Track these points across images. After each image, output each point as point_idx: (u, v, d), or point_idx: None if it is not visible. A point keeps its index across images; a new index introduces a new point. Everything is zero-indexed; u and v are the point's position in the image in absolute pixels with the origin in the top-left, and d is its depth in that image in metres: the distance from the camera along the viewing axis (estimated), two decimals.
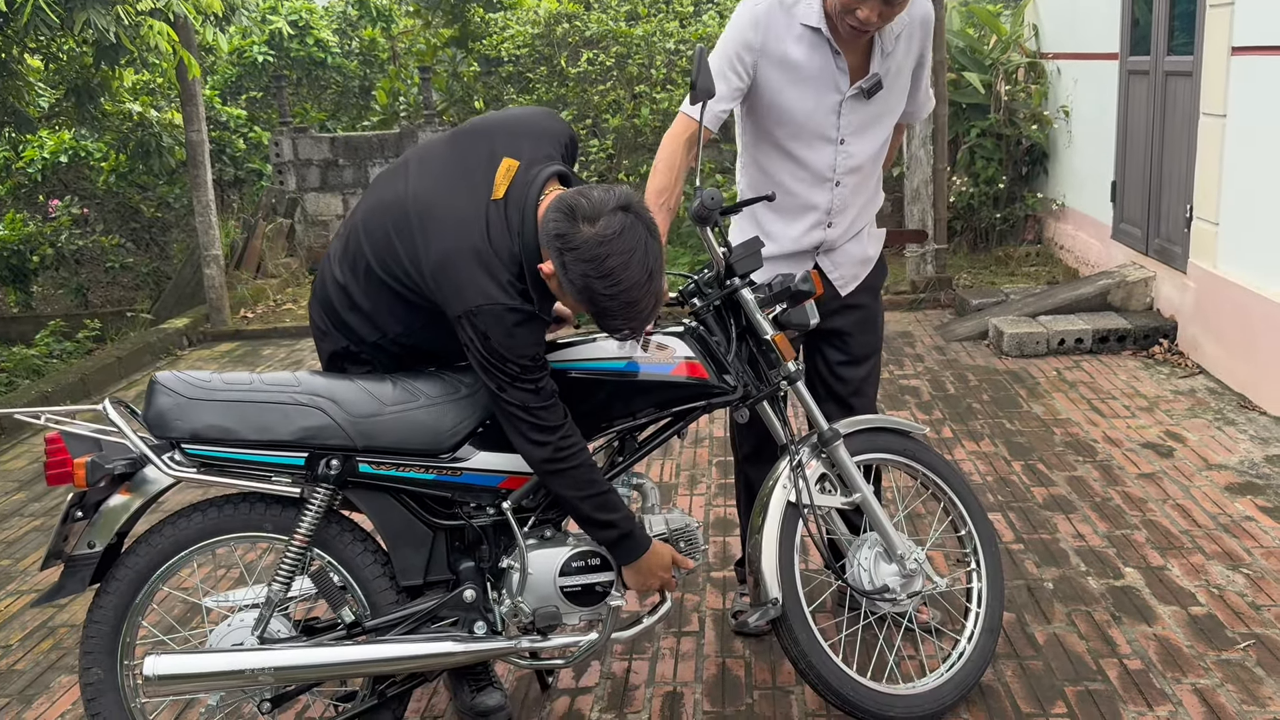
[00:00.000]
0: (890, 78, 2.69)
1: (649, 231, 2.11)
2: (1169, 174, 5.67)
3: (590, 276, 2.06)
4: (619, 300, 2.08)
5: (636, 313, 2.12)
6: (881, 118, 2.75)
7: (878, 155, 2.80)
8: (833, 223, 2.80)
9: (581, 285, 2.08)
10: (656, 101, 7.93)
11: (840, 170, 2.73)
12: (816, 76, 2.64)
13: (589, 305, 2.11)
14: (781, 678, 2.84)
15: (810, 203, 2.77)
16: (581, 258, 2.05)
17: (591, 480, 2.30)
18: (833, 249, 2.84)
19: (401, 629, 2.37)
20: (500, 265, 2.15)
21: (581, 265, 2.06)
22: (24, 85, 7.07)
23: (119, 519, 2.31)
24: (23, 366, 7.19)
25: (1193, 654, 2.83)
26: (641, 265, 2.08)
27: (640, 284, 2.08)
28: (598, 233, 2.05)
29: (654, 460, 4.46)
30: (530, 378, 2.20)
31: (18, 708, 2.99)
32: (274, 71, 10.57)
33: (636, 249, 2.07)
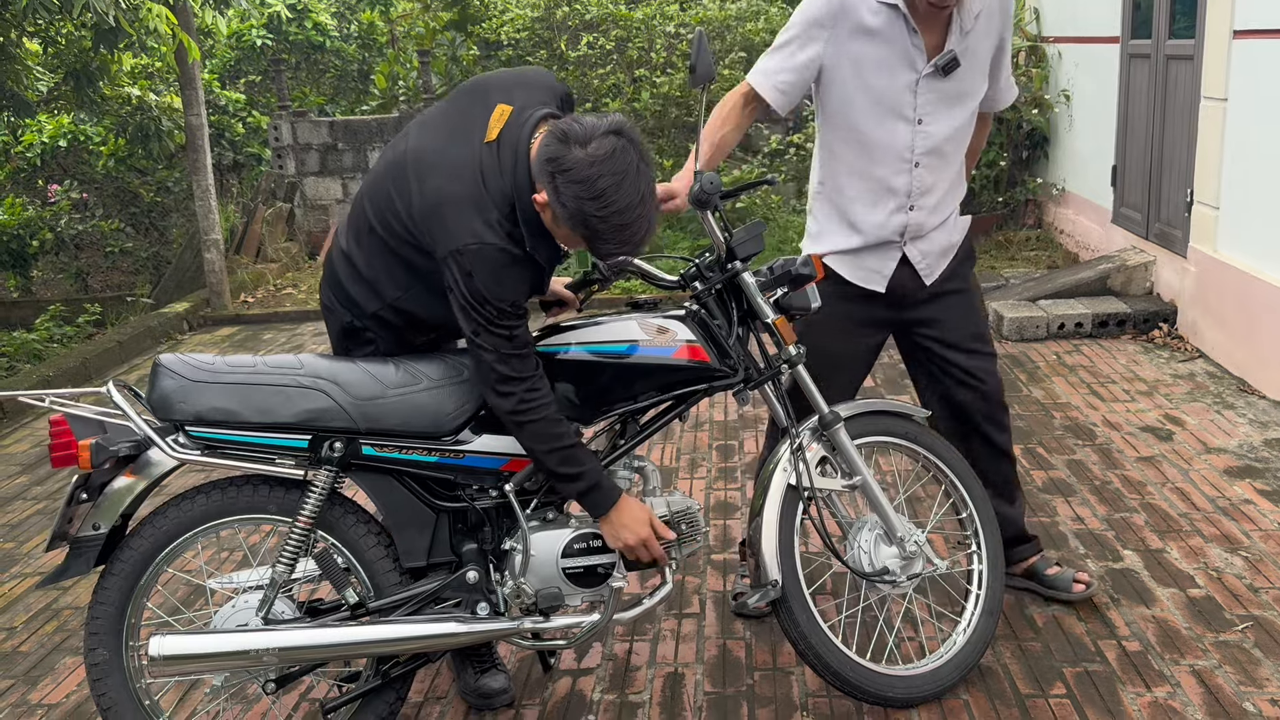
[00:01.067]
0: (968, 57, 2.64)
1: (641, 156, 2.13)
2: (1170, 158, 5.67)
3: (582, 198, 2.07)
4: (611, 223, 2.09)
5: (629, 235, 2.13)
6: (961, 98, 2.69)
7: (958, 137, 2.73)
8: (914, 206, 2.73)
9: (574, 209, 2.09)
10: (656, 85, 7.91)
11: (919, 151, 2.68)
12: (892, 54, 2.60)
13: (582, 229, 2.12)
14: (782, 659, 2.86)
15: (889, 185, 2.71)
16: (573, 179, 2.07)
17: (556, 434, 2.29)
18: (919, 235, 2.76)
19: (405, 610, 2.39)
20: (491, 205, 2.17)
21: (573, 188, 2.07)
22: (22, 69, 7.06)
23: (124, 501, 2.32)
24: (23, 351, 7.20)
25: (1191, 636, 2.85)
26: (633, 187, 2.09)
27: (632, 206, 2.09)
28: (589, 154, 2.07)
29: (654, 444, 4.47)
30: (507, 323, 2.21)
31: (23, 689, 3.01)
32: (272, 55, 10.54)
33: (629, 171, 2.08)
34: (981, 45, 2.68)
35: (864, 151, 2.70)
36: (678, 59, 8.04)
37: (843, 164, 2.75)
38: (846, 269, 2.79)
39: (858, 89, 2.65)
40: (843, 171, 2.75)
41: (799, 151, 8.19)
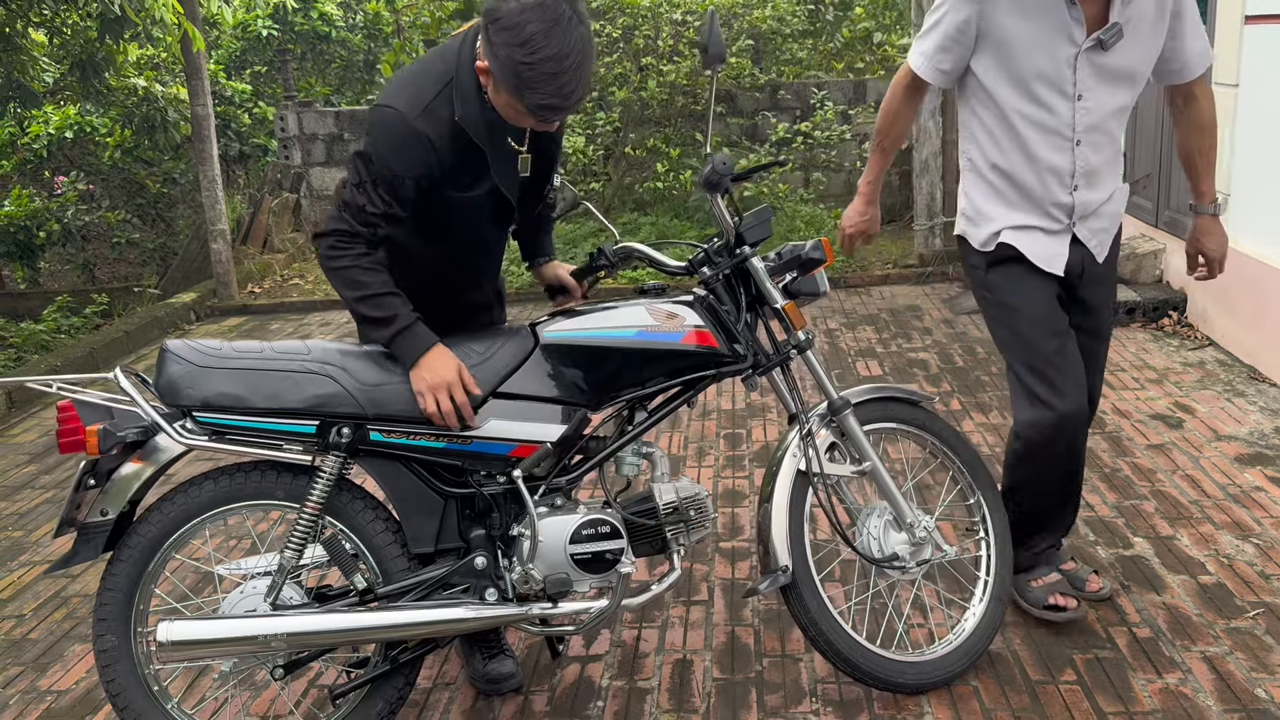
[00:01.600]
0: (1133, 26, 2.49)
1: (574, 10, 2.14)
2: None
3: (511, 45, 2.10)
4: (538, 70, 2.11)
5: (558, 87, 2.13)
6: (1126, 72, 2.55)
7: (1122, 113, 2.61)
8: (1079, 186, 2.61)
9: (504, 57, 2.12)
10: (663, 73, 7.88)
11: (1080, 129, 2.55)
12: (1049, 26, 2.49)
13: (512, 78, 2.13)
14: (791, 646, 2.86)
15: (1051, 165, 2.59)
16: (503, 27, 2.11)
17: (363, 282, 2.32)
18: (1086, 215, 2.66)
19: (413, 596, 2.38)
20: (428, 81, 2.28)
21: (503, 35, 2.11)
22: (29, 60, 7.06)
23: (131, 487, 2.32)
24: (31, 342, 7.21)
25: (1202, 622, 2.83)
26: (564, 36, 2.11)
27: (561, 55, 2.11)
28: (520, 3, 2.11)
29: (663, 432, 4.46)
30: (375, 193, 2.27)
31: (32, 675, 3.01)
32: (278, 45, 10.53)
33: (559, 20, 2.11)
34: (1149, 13, 2.51)
35: (1020, 130, 2.58)
36: (684, 47, 8.01)
37: (997, 142, 2.64)
38: (1025, 246, 2.66)
39: (1011, 63, 2.54)
40: (997, 150, 2.64)
41: (805, 140, 8.16)
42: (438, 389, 2.31)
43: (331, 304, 7.53)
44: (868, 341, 5.71)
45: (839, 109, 8.40)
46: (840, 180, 8.74)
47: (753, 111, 8.57)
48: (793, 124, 8.36)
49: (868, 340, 5.73)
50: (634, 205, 8.27)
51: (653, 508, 2.48)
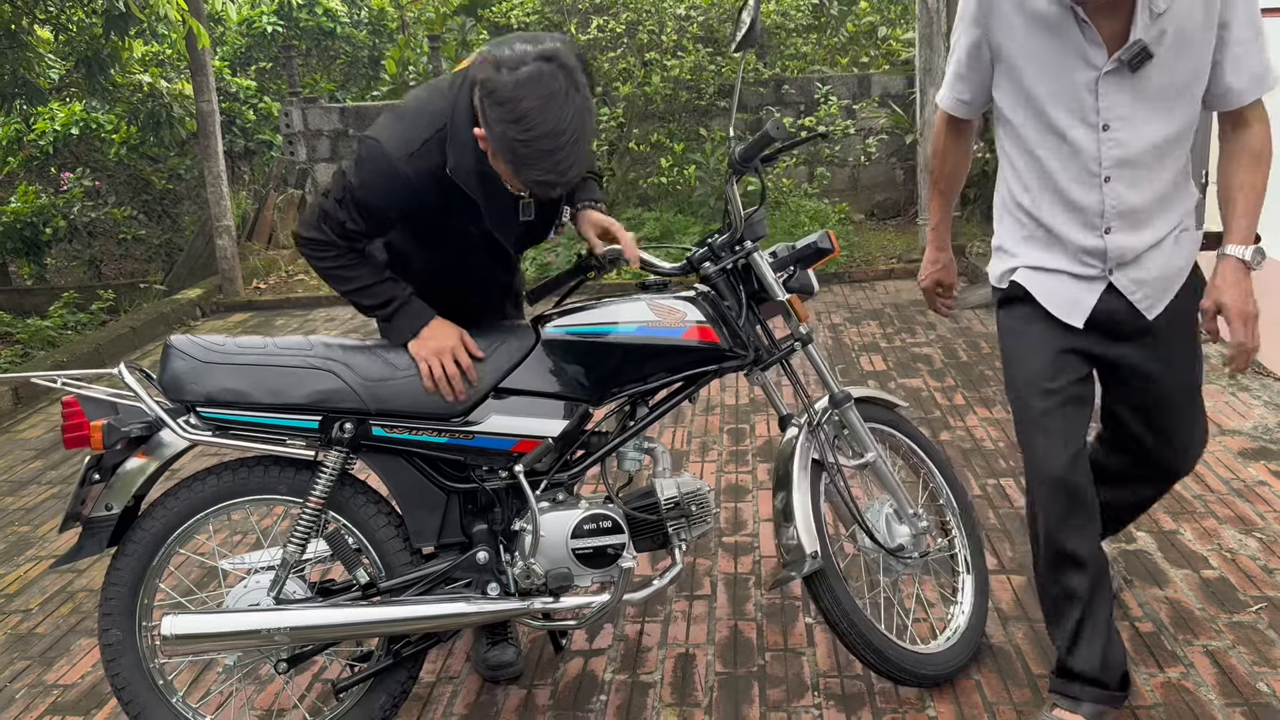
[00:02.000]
0: (1167, 45, 2.09)
1: (572, 82, 2.07)
2: None
3: (506, 121, 2.05)
4: (534, 147, 2.05)
5: (554, 163, 2.08)
6: (1165, 97, 2.15)
7: (1166, 146, 2.19)
8: (1110, 228, 2.23)
9: (499, 133, 2.07)
10: (667, 69, 7.88)
11: (1107, 163, 2.18)
12: (1060, 49, 2.15)
13: (508, 154, 2.09)
14: (793, 640, 2.86)
15: (1075, 202, 2.24)
16: (497, 101, 2.05)
17: (349, 277, 2.36)
18: (1125, 262, 2.25)
19: (416, 590, 2.40)
20: (421, 123, 2.23)
21: (497, 110, 2.05)
22: (34, 57, 7.07)
23: (136, 481, 2.33)
24: (37, 338, 7.23)
25: (1204, 616, 2.83)
26: (560, 112, 2.05)
27: (557, 132, 2.05)
28: (514, 77, 2.04)
29: (665, 427, 4.47)
30: (353, 213, 2.27)
31: (39, 670, 3.03)
32: (283, 42, 10.54)
33: (555, 95, 2.04)
34: (1191, 27, 2.10)
35: (1043, 162, 2.26)
36: (688, 42, 8.00)
37: (1020, 176, 2.32)
38: (1037, 289, 2.33)
39: (1023, 89, 2.23)
40: (1020, 185, 2.32)
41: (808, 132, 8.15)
42: (441, 353, 2.34)
43: (336, 300, 7.54)
44: (872, 336, 5.71)
45: (843, 104, 8.39)
46: (844, 175, 8.73)
47: (757, 106, 8.56)
48: (797, 119, 8.35)
49: (872, 335, 5.73)
50: (638, 200, 8.28)
51: (654, 503, 2.49)
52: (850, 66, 9.43)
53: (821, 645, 2.83)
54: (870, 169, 8.69)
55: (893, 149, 8.63)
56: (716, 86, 8.00)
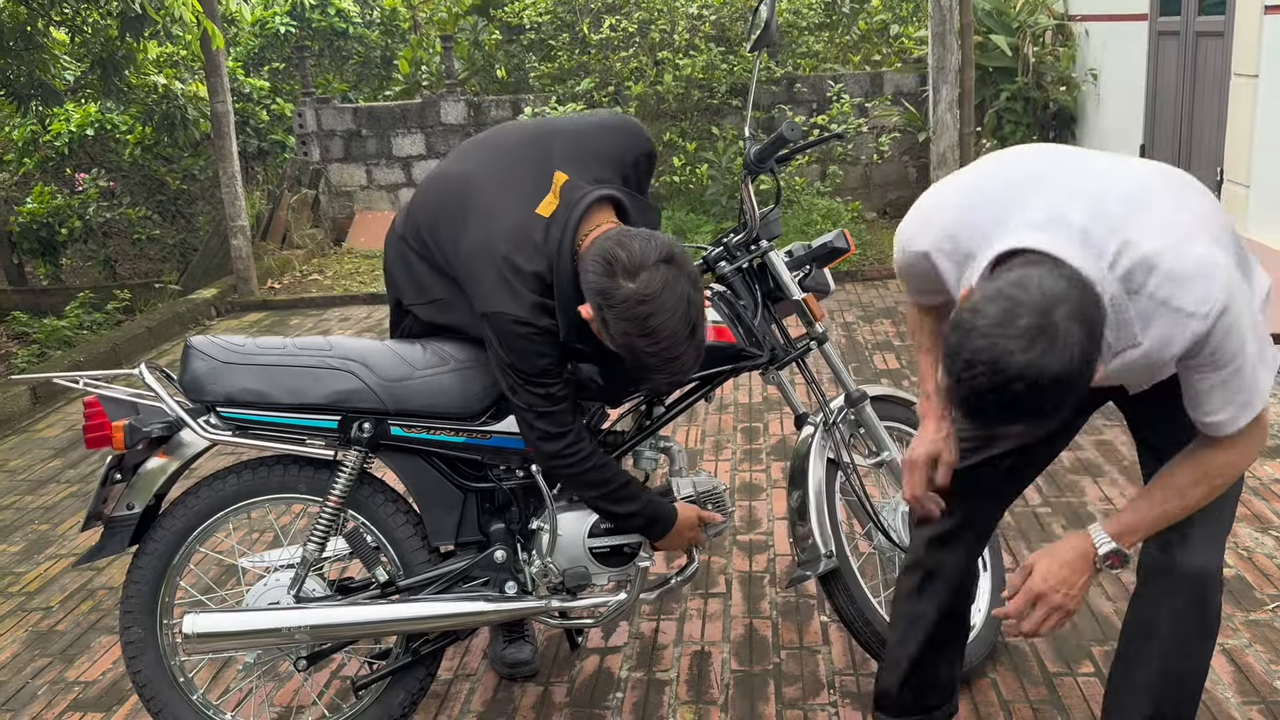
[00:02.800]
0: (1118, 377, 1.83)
1: (692, 284, 2.03)
2: (1199, 136, 5.60)
3: (631, 335, 2.00)
4: (660, 357, 2.03)
5: (678, 367, 2.06)
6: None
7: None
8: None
9: (623, 342, 2.03)
10: (679, 68, 7.88)
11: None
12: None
13: (631, 358, 2.06)
14: (808, 638, 2.87)
15: None
16: (622, 316, 1.99)
17: (605, 480, 2.29)
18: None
19: (434, 588, 2.41)
20: (524, 281, 2.12)
21: (623, 324, 2.00)
22: (50, 58, 7.11)
23: (157, 481, 2.35)
24: (54, 338, 7.28)
25: (1221, 614, 2.83)
26: (684, 320, 2.01)
27: (682, 339, 2.02)
28: (638, 290, 1.98)
29: (679, 426, 4.48)
30: (540, 383, 2.19)
31: (60, 667, 3.06)
32: (296, 42, 10.57)
33: (679, 306, 2.00)
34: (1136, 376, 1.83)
35: None
36: (700, 41, 8.00)
37: None
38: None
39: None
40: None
41: (822, 133, 8.14)
42: (683, 546, 2.46)
43: (350, 299, 7.58)
44: (885, 335, 5.71)
45: (856, 102, 8.38)
46: (857, 173, 8.72)
47: (769, 105, 8.56)
48: (809, 117, 8.34)
49: (885, 333, 5.73)
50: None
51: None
52: (862, 64, 9.41)
53: (837, 643, 2.84)
54: (883, 167, 8.68)
55: (905, 147, 8.62)
56: (728, 85, 8.00)
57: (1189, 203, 1.72)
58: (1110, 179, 1.73)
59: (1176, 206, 1.70)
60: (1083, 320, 1.48)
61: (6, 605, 3.47)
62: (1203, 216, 1.70)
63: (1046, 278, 1.52)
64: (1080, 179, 1.73)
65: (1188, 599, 1.97)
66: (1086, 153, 1.85)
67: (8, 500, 4.38)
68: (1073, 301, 1.49)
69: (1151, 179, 1.75)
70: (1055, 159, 1.81)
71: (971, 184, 1.84)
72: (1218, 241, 1.65)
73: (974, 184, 1.83)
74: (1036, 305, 1.47)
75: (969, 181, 1.85)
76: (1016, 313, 1.48)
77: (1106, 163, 1.80)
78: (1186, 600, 1.97)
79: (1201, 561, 1.94)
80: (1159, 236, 1.62)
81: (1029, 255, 1.61)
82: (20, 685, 2.98)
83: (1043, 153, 1.85)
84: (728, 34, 8.09)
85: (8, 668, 3.08)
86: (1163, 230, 1.63)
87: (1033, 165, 1.80)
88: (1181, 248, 1.62)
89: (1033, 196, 1.70)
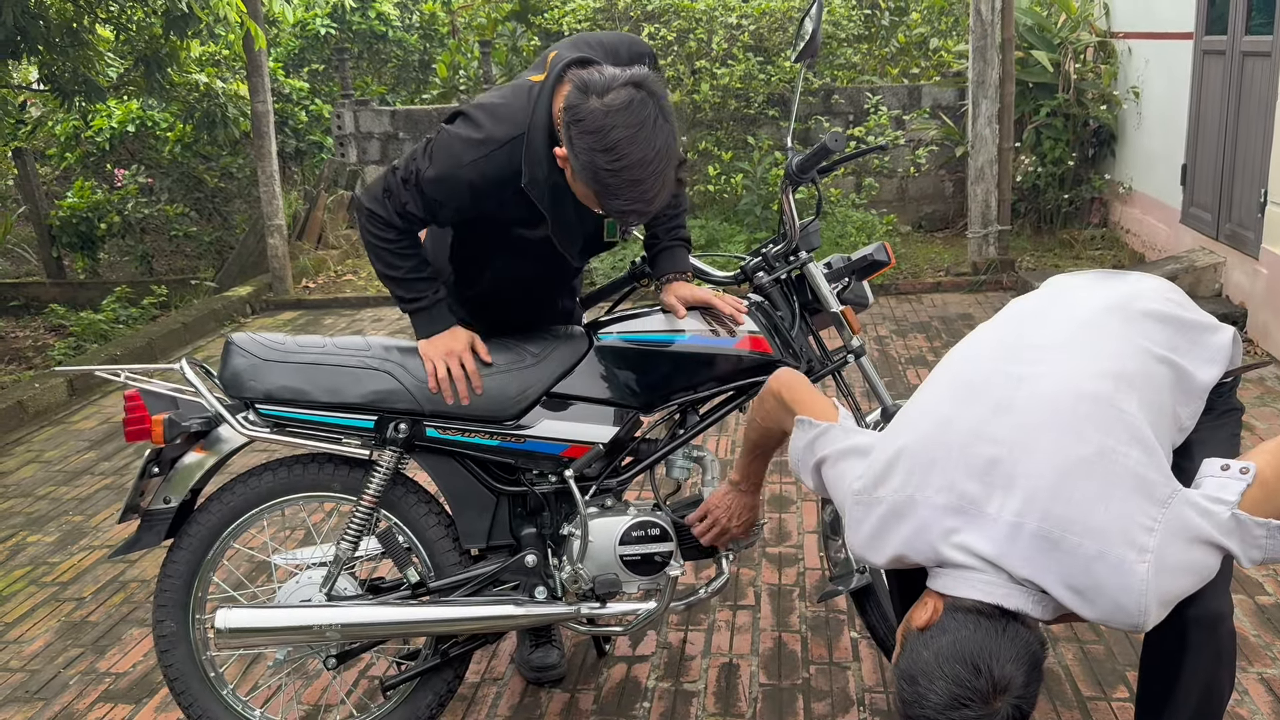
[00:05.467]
0: None
1: (660, 109, 2.04)
2: (1243, 157, 5.53)
3: (594, 150, 2.01)
4: (622, 177, 2.02)
5: (641, 193, 2.05)
6: None
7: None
8: None
9: (586, 160, 2.03)
10: (716, 77, 7.88)
11: None
12: None
13: (593, 182, 2.06)
14: (838, 653, 2.85)
15: None
16: (586, 130, 2.01)
17: (392, 263, 2.33)
18: None
19: (464, 591, 2.41)
20: (499, 126, 2.18)
21: (586, 139, 2.02)
22: (95, 55, 7.19)
23: (194, 476, 2.37)
24: (90, 331, 7.36)
25: (1260, 643, 2.78)
26: (648, 142, 2.02)
27: (645, 161, 2.02)
28: (605, 104, 2.01)
29: (708, 435, 4.46)
30: (419, 198, 2.25)
31: (92, 657, 3.08)
32: (336, 44, 10.66)
33: (644, 124, 2.01)
34: None
35: None
36: (738, 50, 8.00)
37: None
38: None
39: None
40: None
41: (859, 144, 8.11)
42: (449, 355, 2.35)
43: (384, 300, 7.61)
44: (919, 349, 5.67)
45: (893, 114, 8.34)
46: (892, 186, 8.68)
47: (806, 115, 8.53)
48: (846, 128, 8.31)
49: (919, 348, 5.69)
50: None
51: None
52: (900, 77, 9.37)
53: (867, 660, 2.81)
54: (919, 180, 8.63)
55: (942, 160, 8.57)
56: (765, 95, 7.99)
57: (1113, 495, 1.62)
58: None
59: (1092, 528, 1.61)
60: (1023, 701, 1.57)
61: (40, 595, 3.50)
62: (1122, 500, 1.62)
63: (998, 658, 1.56)
64: (1026, 450, 1.65)
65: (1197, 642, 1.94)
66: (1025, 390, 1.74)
67: (43, 491, 4.43)
68: (1018, 688, 1.56)
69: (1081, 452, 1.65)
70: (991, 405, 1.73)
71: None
72: (1146, 526, 1.60)
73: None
74: (983, 694, 1.54)
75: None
76: (965, 701, 1.55)
77: (1052, 411, 1.70)
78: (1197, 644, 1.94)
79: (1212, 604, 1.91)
80: (1081, 576, 1.61)
81: (981, 607, 1.63)
82: (52, 675, 3.01)
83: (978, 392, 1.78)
84: (766, 44, 8.08)
85: (40, 656, 3.11)
86: (1082, 571, 1.61)
87: (988, 407, 1.73)
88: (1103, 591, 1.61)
89: (983, 469, 1.67)
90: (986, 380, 1.78)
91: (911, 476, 1.72)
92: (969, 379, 1.82)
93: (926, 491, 1.70)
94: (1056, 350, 1.80)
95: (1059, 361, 1.77)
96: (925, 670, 1.59)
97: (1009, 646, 1.58)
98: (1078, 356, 1.79)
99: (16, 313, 8.94)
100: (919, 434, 1.77)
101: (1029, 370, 1.76)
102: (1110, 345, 1.80)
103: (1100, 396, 1.71)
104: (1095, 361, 1.77)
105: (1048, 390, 1.72)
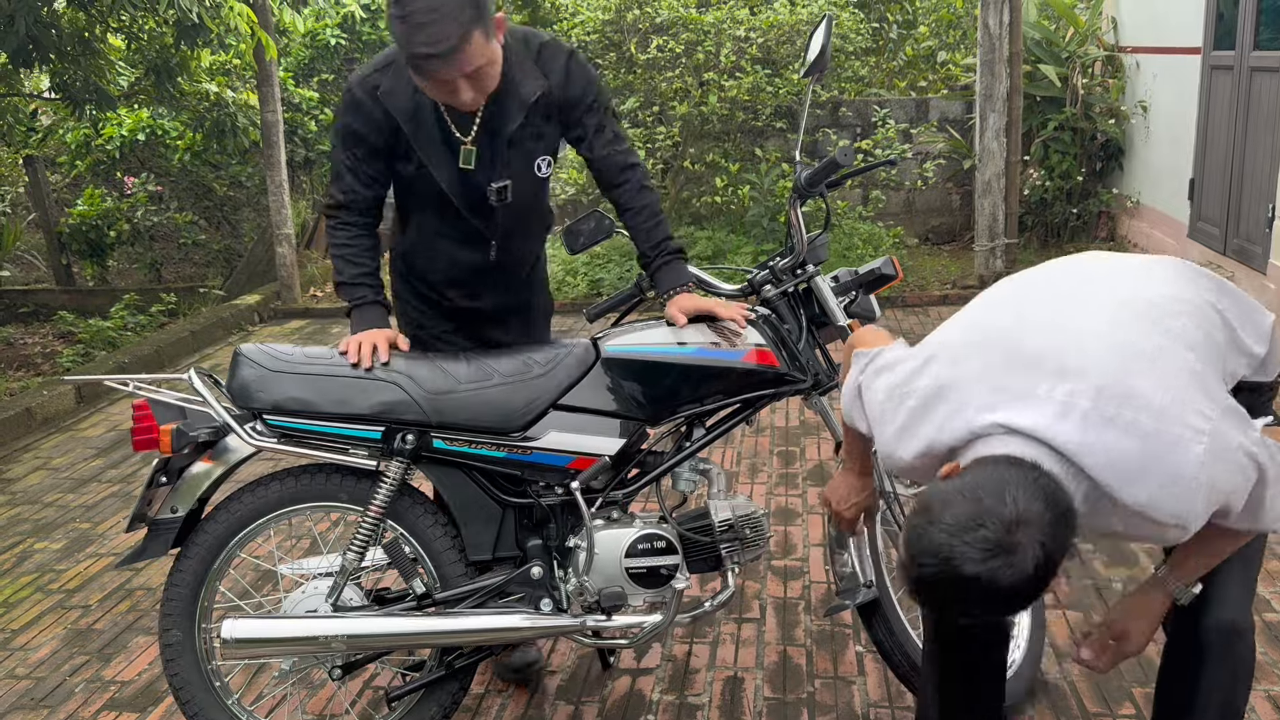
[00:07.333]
0: None
1: None
2: (1250, 172, 5.53)
3: (392, 16, 2.16)
4: (410, 21, 2.13)
5: (428, 35, 2.13)
6: None
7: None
8: None
9: (389, 20, 2.18)
10: (724, 89, 7.89)
11: None
12: None
13: (397, 38, 2.18)
14: (843, 668, 2.84)
15: None
16: (390, 2, 2.18)
17: (339, 269, 2.57)
18: None
19: (470, 602, 2.41)
20: (384, 53, 2.46)
21: (390, 11, 2.18)
22: (106, 64, 7.23)
23: (201, 485, 2.38)
24: (98, 338, 7.39)
25: (1267, 661, 2.77)
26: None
27: (430, 7, 2.12)
28: None
29: (715, 448, 4.46)
30: (339, 155, 2.51)
31: (97, 665, 3.09)
32: (346, 54, 10.71)
33: None
34: None
35: None
36: (745, 63, 8.02)
37: None
38: None
39: None
40: None
41: (866, 158, 8.13)
42: (365, 338, 2.46)
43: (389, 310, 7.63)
44: None
45: (901, 127, 8.35)
46: (899, 199, 8.69)
47: (813, 128, 8.55)
48: (853, 141, 8.32)
49: None
50: (690, 219, 8.29)
51: (708, 524, 2.49)
52: (908, 90, 9.39)
53: (873, 675, 2.81)
54: (926, 193, 8.64)
55: (949, 174, 8.58)
56: (773, 108, 8.00)
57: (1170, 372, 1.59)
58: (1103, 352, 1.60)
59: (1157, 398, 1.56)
60: (1047, 540, 1.44)
61: (46, 602, 3.51)
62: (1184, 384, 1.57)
63: (1022, 491, 1.45)
64: (1078, 346, 1.61)
65: (1215, 655, 1.94)
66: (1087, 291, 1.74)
67: (50, 498, 4.44)
68: (1042, 524, 1.44)
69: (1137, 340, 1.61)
70: (1054, 309, 1.71)
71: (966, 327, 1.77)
72: (1202, 412, 1.55)
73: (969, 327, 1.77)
74: (1003, 520, 1.42)
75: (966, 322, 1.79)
76: (981, 521, 1.42)
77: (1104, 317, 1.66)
78: (1215, 656, 1.94)
79: (1231, 615, 1.93)
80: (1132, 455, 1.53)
81: (1011, 456, 1.53)
82: (58, 682, 3.01)
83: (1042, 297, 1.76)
84: (774, 56, 8.09)
85: (46, 664, 3.12)
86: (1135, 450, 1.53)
87: (1033, 316, 1.70)
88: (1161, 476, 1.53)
89: (1028, 361, 1.61)
90: (1038, 291, 1.77)
91: (953, 366, 1.66)
92: (1012, 293, 1.78)
93: (967, 377, 1.63)
94: (1105, 277, 1.78)
95: (1112, 278, 1.75)
96: (943, 497, 1.47)
97: (1036, 487, 1.45)
98: (1131, 279, 1.76)
99: (25, 319, 8.98)
100: (961, 329, 1.75)
101: (1081, 289, 1.74)
102: (1165, 279, 1.76)
103: (1158, 304, 1.68)
104: (1150, 285, 1.73)
105: (1105, 298, 1.69)
